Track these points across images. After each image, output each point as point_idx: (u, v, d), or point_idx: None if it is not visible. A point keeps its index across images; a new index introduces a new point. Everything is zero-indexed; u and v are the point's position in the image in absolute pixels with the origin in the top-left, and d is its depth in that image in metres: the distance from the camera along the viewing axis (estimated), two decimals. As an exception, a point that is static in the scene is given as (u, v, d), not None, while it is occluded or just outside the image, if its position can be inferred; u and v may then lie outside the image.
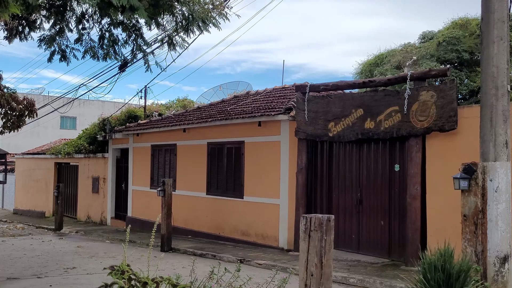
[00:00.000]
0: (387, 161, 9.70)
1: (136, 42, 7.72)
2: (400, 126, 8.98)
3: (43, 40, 8.21)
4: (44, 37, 8.29)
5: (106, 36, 7.74)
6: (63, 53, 8.23)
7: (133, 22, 7.29)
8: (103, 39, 7.77)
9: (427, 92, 8.61)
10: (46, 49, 8.19)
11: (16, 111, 13.62)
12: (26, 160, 23.42)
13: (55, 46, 8.21)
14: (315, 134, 10.55)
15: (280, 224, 11.66)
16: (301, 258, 4.53)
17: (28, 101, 13.61)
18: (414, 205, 8.85)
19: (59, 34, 7.92)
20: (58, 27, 7.84)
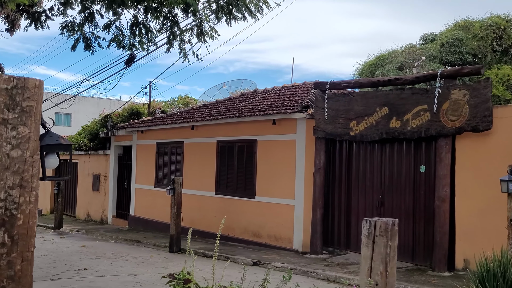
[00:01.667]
0: (412, 162, 9.38)
1: (172, 30, 7.29)
2: (429, 126, 8.66)
3: (66, 27, 7.75)
4: (67, 24, 7.83)
5: (141, 23, 7.27)
6: (87, 42, 7.78)
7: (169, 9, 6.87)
8: (136, 26, 7.33)
9: (459, 91, 8.30)
10: (69, 37, 7.75)
11: None
12: None
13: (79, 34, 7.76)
14: (335, 133, 10.21)
15: (295, 226, 11.30)
16: (363, 266, 4.16)
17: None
18: (443, 208, 8.53)
19: (89, 19, 7.47)
20: (88, 11, 7.38)
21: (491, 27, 26.74)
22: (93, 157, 18.51)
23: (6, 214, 2.14)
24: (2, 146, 2.13)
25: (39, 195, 10.09)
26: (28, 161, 2.20)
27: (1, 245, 2.12)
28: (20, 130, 2.18)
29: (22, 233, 2.19)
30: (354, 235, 10.31)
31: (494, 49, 26.84)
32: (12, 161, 2.16)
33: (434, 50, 26.27)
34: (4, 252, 2.12)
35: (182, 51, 7.55)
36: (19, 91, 2.18)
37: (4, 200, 2.13)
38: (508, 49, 27.06)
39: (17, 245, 2.16)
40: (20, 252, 2.18)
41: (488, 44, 26.52)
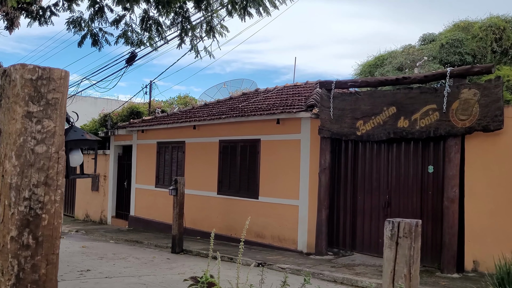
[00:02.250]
0: (419, 162, 9.27)
1: (183, 25, 7.11)
2: (438, 125, 8.55)
3: (72, 23, 7.58)
4: (73, 19, 7.65)
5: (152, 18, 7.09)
6: (95, 37, 7.60)
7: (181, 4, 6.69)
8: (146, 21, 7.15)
9: (469, 90, 8.19)
10: (75, 33, 7.57)
11: None
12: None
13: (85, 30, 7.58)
14: (341, 133, 10.08)
15: (299, 226, 11.17)
16: (386, 268, 4.04)
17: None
18: (452, 208, 8.42)
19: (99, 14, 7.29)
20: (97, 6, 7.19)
21: (491, 28, 26.73)
22: (92, 157, 18.30)
23: (31, 214, 1.99)
24: (27, 141, 1.99)
25: None
26: (53, 157, 2.06)
27: (25, 247, 1.97)
28: (45, 124, 2.04)
29: (47, 234, 2.04)
30: (359, 236, 10.18)
31: (493, 50, 26.81)
32: (37, 157, 2.01)
33: (434, 51, 26.23)
34: (28, 255, 1.97)
35: (193, 47, 7.39)
36: (44, 82, 2.04)
37: (29, 199, 1.99)
38: (507, 50, 27.05)
39: (42, 247, 2.02)
40: (45, 255, 2.03)
41: (487, 45, 26.49)
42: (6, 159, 1.99)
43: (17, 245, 1.95)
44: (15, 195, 1.96)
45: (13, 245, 1.94)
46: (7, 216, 1.96)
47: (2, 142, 2.03)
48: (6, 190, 1.97)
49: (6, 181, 1.98)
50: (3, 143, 2.03)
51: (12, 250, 1.94)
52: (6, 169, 1.99)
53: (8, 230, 1.95)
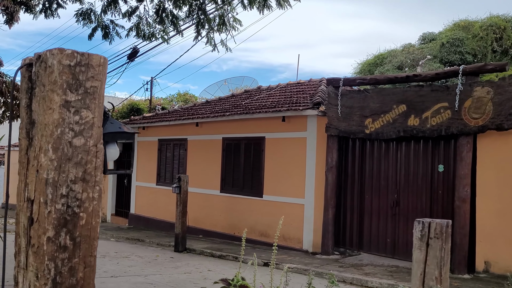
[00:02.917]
0: (429, 161, 9.13)
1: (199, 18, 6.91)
2: (450, 124, 8.42)
3: (81, 15, 7.36)
4: (83, 11, 7.43)
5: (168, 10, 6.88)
6: (106, 30, 7.39)
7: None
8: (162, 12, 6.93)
9: (482, 88, 8.06)
10: (85, 25, 7.36)
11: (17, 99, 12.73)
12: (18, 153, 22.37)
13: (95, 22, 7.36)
14: (349, 131, 9.93)
15: (304, 226, 11.02)
16: (415, 270, 3.88)
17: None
18: (464, 208, 8.29)
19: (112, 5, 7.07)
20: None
21: (491, 28, 26.68)
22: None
23: (68, 213, 1.82)
24: (64, 132, 1.82)
25: None
26: (92, 151, 1.89)
27: (63, 249, 1.81)
28: (83, 115, 1.87)
29: (85, 234, 1.87)
30: (367, 235, 10.05)
31: (494, 49, 26.77)
32: (75, 151, 1.84)
33: (434, 50, 26.16)
34: (65, 257, 1.81)
35: (209, 40, 7.20)
36: (82, 69, 1.87)
37: (66, 196, 1.82)
38: (508, 49, 27.01)
39: (80, 248, 1.85)
40: (83, 257, 1.87)
41: (488, 44, 26.44)
42: (42, 153, 1.82)
43: (54, 246, 1.78)
44: (52, 192, 1.79)
45: (50, 246, 1.78)
46: (43, 214, 1.79)
47: (36, 134, 1.86)
48: (42, 187, 1.80)
49: (41, 177, 1.81)
50: (37, 135, 1.86)
51: (48, 252, 1.77)
52: (41, 164, 1.82)
53: (44, 230, 1.78)
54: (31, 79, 1.93)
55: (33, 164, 1.86)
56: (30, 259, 1.82)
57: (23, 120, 1.96)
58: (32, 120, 1.90)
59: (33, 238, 1.82)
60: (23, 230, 1.88)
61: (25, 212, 1.88)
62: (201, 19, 6.78)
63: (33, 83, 1.92)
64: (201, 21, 6.77)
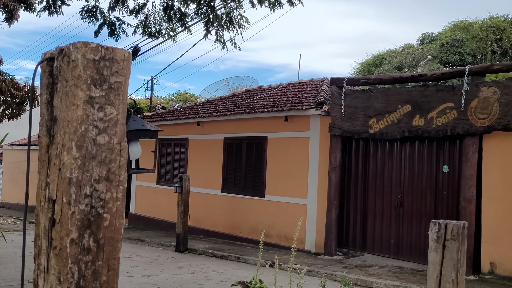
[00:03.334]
0: (434, 161, 9.08)
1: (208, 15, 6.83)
2: (456, 124, 8.36)
3: (86, 12, 7.27)
4: (88, 8, 7.34)
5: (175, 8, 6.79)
6: (112, 27, 7.30)
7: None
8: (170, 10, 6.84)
9: (489, 88, 8.01)
10: (90, 22, 7.26)
11: (17, 98, 12.64)
12: (15, 152, 22.20)
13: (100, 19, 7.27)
14: (353, 131, 9.87)
15: (307, 226, 10.95)
16: (431, 272, 3.80)
17: (29, 88, 12.64)
18: (469, 209, 8.24)
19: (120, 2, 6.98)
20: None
21: (491, 28, 26.68)
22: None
23: (92, 214, 1.75)
24: (88, 130, 1.74)
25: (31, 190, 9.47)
26: (116, 149, 1.81)
27: (87, 251, 1.73)
28: (107, 111, 1.79)
29: (109, 236, 1.80)
30: (370, 236, 9.99)
31: (493, 50, 26.77)
32: (99, 149, 1.77)
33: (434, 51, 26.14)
34: (89, 260, 1.73)
35: (218, 38, 7.11)
36: (107, 64, 1.79)
37: (90, 196, 1.74)
38: (507, 50, 27.01)
39: (103, 251, 1.77)
40: (106, 260, 1.79)
41: (487, 45, 26.45)
42: (64, 151, 1.74)
43: (77, 248, 1.71)
44: (75, 192, 1.71)
45: (73, 248, 1.70)
46: (66, 215, 1.71)
47: (58, 131, 1.79)
48: (65, 186, 1.72)
49: (64, 176, 1.73)
50: (59, 133, 1.78)
51: (72, 255, 1.70)
52: (64, 162, 1.74)
53: (67, 231, 1.70)
54: (52, 74, 1.86)
55: (55, 162, 1.78)
56: (52, 261, 1.74)
57: (44, 116, 1.88)
58: (54, 116, 1.82)
59: (55, 240, 1.74)
60: (44, 232, 1.81)
61: (46, 213, 1.80)
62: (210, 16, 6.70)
63: (54, 78, 1.84)
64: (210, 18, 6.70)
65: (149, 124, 2.22)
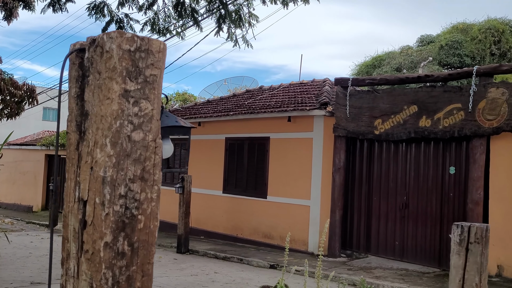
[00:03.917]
0: (440, 163, 9.00)
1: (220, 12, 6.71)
2: (463, 125, 8.29)
3: (93, 8, 7.12)
4: (95, 4, 7.19)
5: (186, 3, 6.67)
6: (120, 24, 7.16)
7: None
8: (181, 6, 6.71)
9: (497, 89, 7.94)
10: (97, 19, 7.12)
11: (16, 97, 12.49)
12: (12, 151, 21.98)
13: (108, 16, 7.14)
14: (358, 132, 9.78)
15: (310, 227, 10.85)
16: (454, 276, 3.72)
17: (28, 87, 12.49)
18: (477, 211, 8.16)
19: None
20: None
21: (490, 30, 26.71)
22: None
23: (126, 215, 1.63)
24: (123, 125, 1.63)
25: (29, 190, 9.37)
26: (151, 147, 1.70)
27: (121, 256, 1.61)
28: (142, 106, 1.68)
29: (143, 239, 1.68)
30: (374, 237, 9.90)
31: (492, 52, 26.79)
32: (134, 146, 1.65)
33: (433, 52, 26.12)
34: (123, 265, 1.61)
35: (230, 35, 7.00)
36: (142, 55, 1.68)
37: (124, 196, 1.63)
38: (506, 52, 27.03)
39: (137, 255, 1.66)
40: (141, 265, 1.67)
41: (486, 47, 26.46)
42: (97, 148, 1.63)
43: (112, 252, 1.59)
44: (110, 192, 1.60)
45: (108, 252, 1.58)
46: (99, 217, 1.60)
47: (90, 127, 1.67)
48: (98, 186, 1.61)
49: (97, 174, 1.62)
50: (91, 128, 1.66)
51: (106, 259, 1.58)
52: (96, 160, 1.62)
53: (101, 234, 1.58)
54: (83, 66, 1.74)
55: (87, 160, 1.66)
56: (83, 266, 1.62)
57: (72, 112, 1.77)
58: (85, 111, 1.70)
59: (86, 243, 1.62)
60: (73, 234, 1.69)
61: (75, 214, 1.68)
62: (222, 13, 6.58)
63: (85, 71, 1.72)
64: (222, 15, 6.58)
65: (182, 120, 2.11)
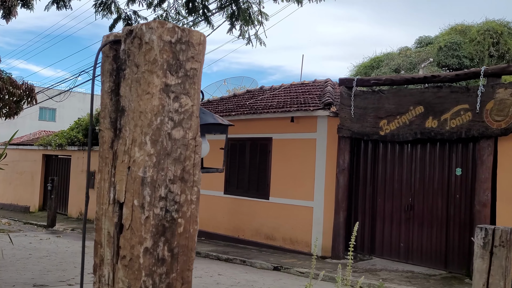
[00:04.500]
0: (445, 164, 8.92)
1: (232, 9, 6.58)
2: (471, 126, 8.21)
3: (100, 5, 6.98)
4: (102, 1, 7.04)
5: None
6: (128, 21, 7.02)
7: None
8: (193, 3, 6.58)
9: (505, 90, 7.86)
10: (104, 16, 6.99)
11: (15, 96, 12.34)
12: (9, 151, 21.78)
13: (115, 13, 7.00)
14: (363, 132, 9.69)
15: (313, 229, 10.75)
16: (477, 280, 3.61)
17: (27, 86, 12.34)
18: (484, 213, 8.08)
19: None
20: None
21: (488, 32, 26.72)
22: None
23: (167, 219, 1.52)
24: (164, 122, 1.51)
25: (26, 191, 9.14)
26: (191, 145, 1.59)
27: (161, 262, 1.50)
28: (182, 102, 1.57)
29: (183, 244, 1.57)
30: (379, 239, 9.81)
31: (490, 54, 26.81)
32: (174, 145, 1.54)
33: (432, 54, 26.10)
34: (163, 272, 1.50)
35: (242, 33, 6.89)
36: (183, 48, 1.56)
37: (165, 198, 1.52)
38: (504, 54, 27.05)
39: (177, 261, 1.55)
40: (180, 272, 1.56)
41: (485, 48, 26.47)
42: (136, 146, 1.51)
43: (152, 259, 1.48)
44: (150, 194, 1.48)
45: (147, 259, 1.47)
46: (138, 220, 1.48)
47: (127, 124, 1.56)
48: (136, 187, 1.49)
49: (135, 175, 1.50)
50: (129, 125, 1.55)
51: (146, 266, 1.47)
52: (135, 159, 1.51)
53: (140, 239, 1.47)
54: (117, 58, 1.63)
55: (123, 159, 1.55)
56: (120, 273, 1.51)
57: (106, 108, 1.65)
58: (121, 107, 1.59)
59: (123, 249, 1.51)
60: (107, 239, 1.58)
61: (110, 217, 1.57)
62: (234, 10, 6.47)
63: (121, 64, 1.61)
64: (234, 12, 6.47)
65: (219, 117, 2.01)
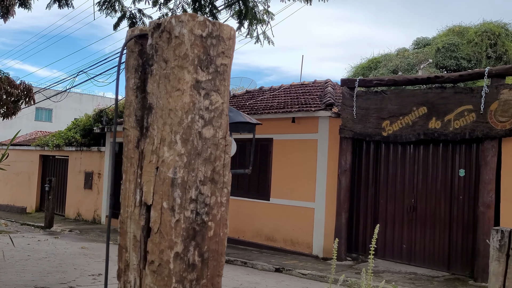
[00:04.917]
0: (449, 165, 8.87)
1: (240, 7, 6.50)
2: (475, 127, 8.16)
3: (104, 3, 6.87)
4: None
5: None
6: (132, 20, 6.92)
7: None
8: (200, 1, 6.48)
9: (510, 91, 7.82)
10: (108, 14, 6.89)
11: (12, 96, 12.22)
12: (5, 151, 21.66)
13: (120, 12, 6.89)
14: (365, 133, 9.63)
15: (314, 230, 10.69)
16: (493, 283, 3.57)
17: (25, 86, 12.22)
18: (488, 214, 8.04)
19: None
20: None
21: (486, 33, 26.76)
22: (85, 154, 17.52)
23: (197, 222, 1.44)
24: (194, 120, 1.44)
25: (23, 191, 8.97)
26: (221, 145, 1.51)
27: (191, 268, 1.42)
28: (213, 99, 1.49)
29: (213, 249, 1.49)
30: (381, 241, 9.74)
31: (488, 55, 26.85)
32: (204, 144, 1.47)
33: (430, 55, 26.11)
34: (194, 278, 1.43)
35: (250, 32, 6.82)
36: (213, 42, 1.49)
37: (195, 200, 1.44)
38: (502, 55, 27.10)
39: (207, 266, 1.47)
40: (211, 277, 1.48)
41: (483, 50, 26.50)
42: (165, 145, 1.44)
43: (182, 264, 1.40)
44: (180, 195, 1.41)
45: (178, 264, 1.39)
46: (167, 224, 1.41)
47: (155, 122, 1.48)
48: (166, 188, 1.42)
49: (164, 175, 1.43)
50: (157, 124, 1.47)
51: (176, 272, 1.39)
52: (164, 159, 1.43)
53: (170, 243, 1.39)
54: (143, 54, 1.55)
55: (151, 160, 1.47)
56: (148, 280, 1.43)
57: (131, 105, 1.58)
58: (148, 104, 1.51)
59: (151, 254, 1.43)
60: (134, 243, 1.50)
61: (136, 220, 1.49)
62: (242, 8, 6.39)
63: (147, 59, 1.53)
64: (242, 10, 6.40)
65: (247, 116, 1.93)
